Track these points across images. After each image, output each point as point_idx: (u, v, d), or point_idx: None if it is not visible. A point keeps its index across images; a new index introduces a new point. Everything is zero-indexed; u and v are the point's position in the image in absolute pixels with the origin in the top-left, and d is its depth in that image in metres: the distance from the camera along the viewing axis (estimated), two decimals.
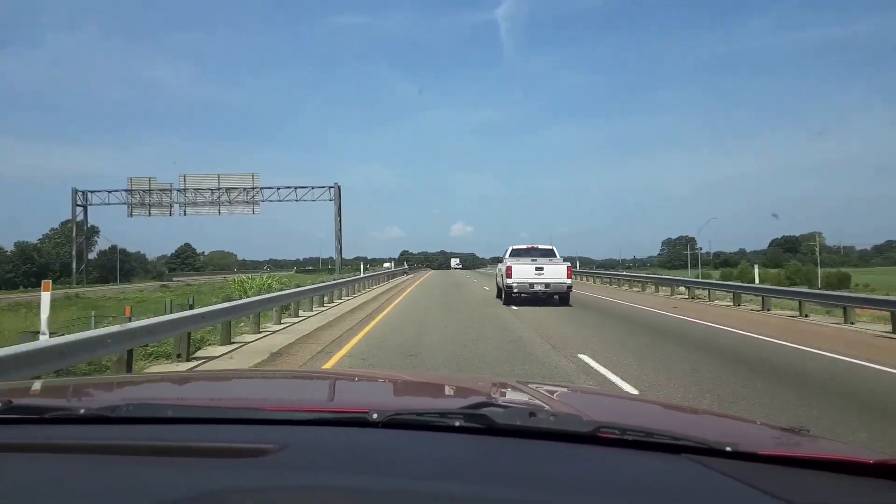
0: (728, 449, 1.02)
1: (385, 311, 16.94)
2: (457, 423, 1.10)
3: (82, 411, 1.19)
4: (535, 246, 20.38)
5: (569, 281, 18.32)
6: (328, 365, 8.49)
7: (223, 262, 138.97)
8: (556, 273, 18.26)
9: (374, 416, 1.11)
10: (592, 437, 1.06)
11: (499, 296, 21.73)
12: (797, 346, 9.98)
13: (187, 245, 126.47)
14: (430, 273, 73.29)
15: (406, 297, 23.61)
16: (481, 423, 1.08)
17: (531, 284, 18.10)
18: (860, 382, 7.15)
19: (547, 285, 18.09)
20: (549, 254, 19.98)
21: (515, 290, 18.16)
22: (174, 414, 1.17)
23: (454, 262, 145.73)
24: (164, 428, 1.13)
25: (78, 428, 1.15)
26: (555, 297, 18.45)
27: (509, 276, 18.24)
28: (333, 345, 10.31)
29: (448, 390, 1.93)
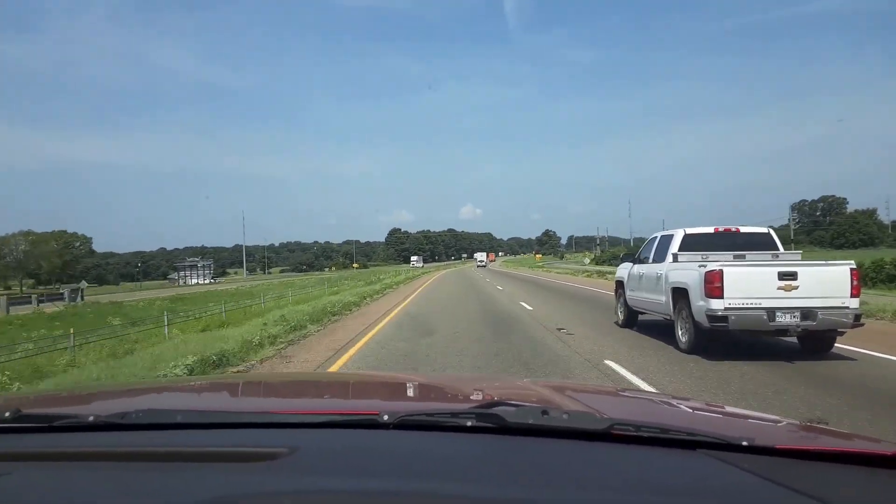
0: (744, 443, 1.08)
1: None
2: (468, 423, 1.17)
3: (91, 419, 1.25)
4: (732, 228, 10.66)
5: (855, 303, 8.56)
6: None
7: (40, 253, 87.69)
8: (824, 286, 8.50)
9: (385, 417, 1.19)
10: (607, 435, 1.12)
11: (629, 324, 12.28)
12: None
13: None
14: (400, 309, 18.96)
15: None
16: (493, 423, 1.15)
17: (770, 312, 8.34)
18: None
19: (806, 314, 8.35)
20: (763, 243, 10.43)
21: (734, 325, 8.43)
22: (184, 419, 1.25)
23: (479, 257, 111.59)
24: (174, 434, 1.20)
25: (87, 435, 1.22)
26: (790, 338, 9.09)
27: (715, 292, 8.46)
28: None
29: (458, 390, 2.03)
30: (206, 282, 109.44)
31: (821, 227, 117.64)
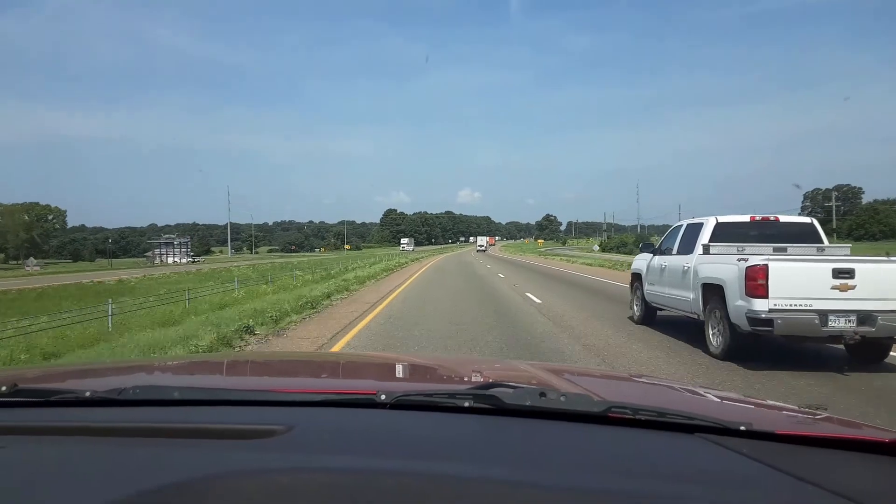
0: (742, 428, 1.08)
1: None
2: (466, 404, 1.17)
3: (88, 394, 1.26)
4: (770, 217, 9.58)
5: None
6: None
7: (5, 225, 74.54)
8: (884, 286, 7.39)
9: (382, 397, 1.18)
10: (604, 418, 1.12)
11: (646, 319, 11.21)
12: None
13: None
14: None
15: None
16: (490, 404, 1.15)
17: (823, 316, 7.25)
18: None
19: (863, 318, 7.25)
20: (806, 234, 9.34)
21: (779, 330, 7.34)
22: (181, 396, 1.25)
23: (480, 241, 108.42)
24: (171, 410, 1.21)
25: (84, 410, 1.22)
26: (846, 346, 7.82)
27: (759, 291, 7.35)
28: None
29: (457, 372, 2.03)
30: (184, 261, 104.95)
31: (862, 220, 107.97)
